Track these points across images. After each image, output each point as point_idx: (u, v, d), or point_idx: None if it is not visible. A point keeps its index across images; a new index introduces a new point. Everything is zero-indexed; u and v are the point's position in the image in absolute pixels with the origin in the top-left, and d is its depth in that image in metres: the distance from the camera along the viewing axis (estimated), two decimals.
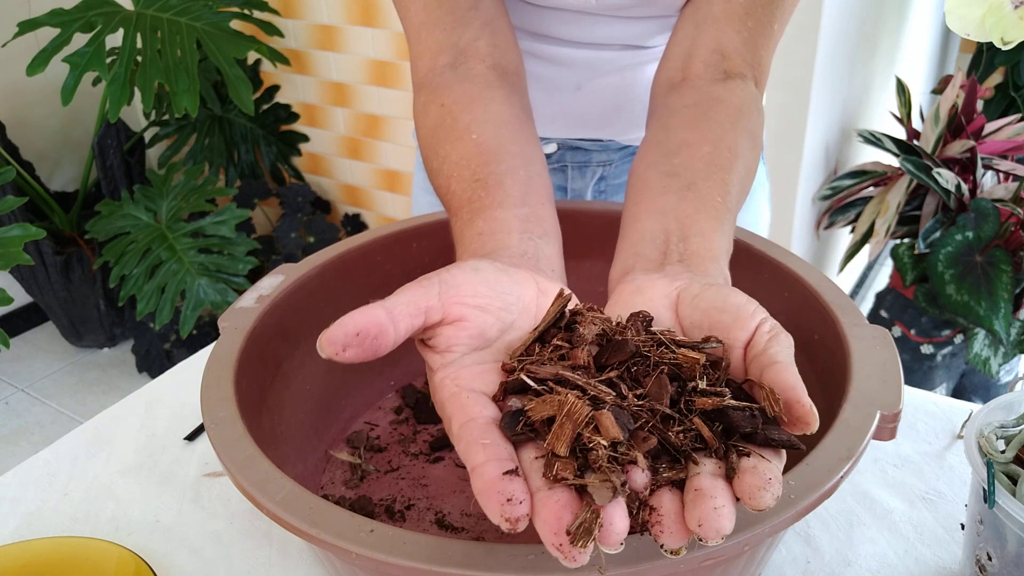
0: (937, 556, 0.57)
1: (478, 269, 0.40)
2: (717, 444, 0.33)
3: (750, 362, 0.36)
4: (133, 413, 0.75)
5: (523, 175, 0.52)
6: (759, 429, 0.33)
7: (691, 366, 0.35)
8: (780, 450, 0.33)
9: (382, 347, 0.35)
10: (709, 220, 0.49)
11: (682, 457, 0.33)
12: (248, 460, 0.44)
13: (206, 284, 1.86)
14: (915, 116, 1.86)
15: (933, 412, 0.70)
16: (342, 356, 0.34)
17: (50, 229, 2.15)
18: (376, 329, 0.35)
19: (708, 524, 0.29)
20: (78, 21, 1.73)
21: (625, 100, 0.74)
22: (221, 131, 2.25)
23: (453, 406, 0.36)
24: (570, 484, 0.30)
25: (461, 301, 0.38)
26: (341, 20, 2.08)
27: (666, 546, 0.31)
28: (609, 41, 0.71)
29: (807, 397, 0.33)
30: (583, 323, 0.38)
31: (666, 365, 0.35)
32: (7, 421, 2.14)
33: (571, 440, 0.31)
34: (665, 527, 0.30)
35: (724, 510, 0.30)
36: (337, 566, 0.46)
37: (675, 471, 0.32)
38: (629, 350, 0.35)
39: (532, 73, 0.74)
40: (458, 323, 0.38)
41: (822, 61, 1.58)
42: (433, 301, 0.37)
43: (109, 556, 0.56)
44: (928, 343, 1.76)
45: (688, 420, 0.33)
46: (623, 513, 0.30)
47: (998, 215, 1.54)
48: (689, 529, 0.30)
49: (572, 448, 0.31)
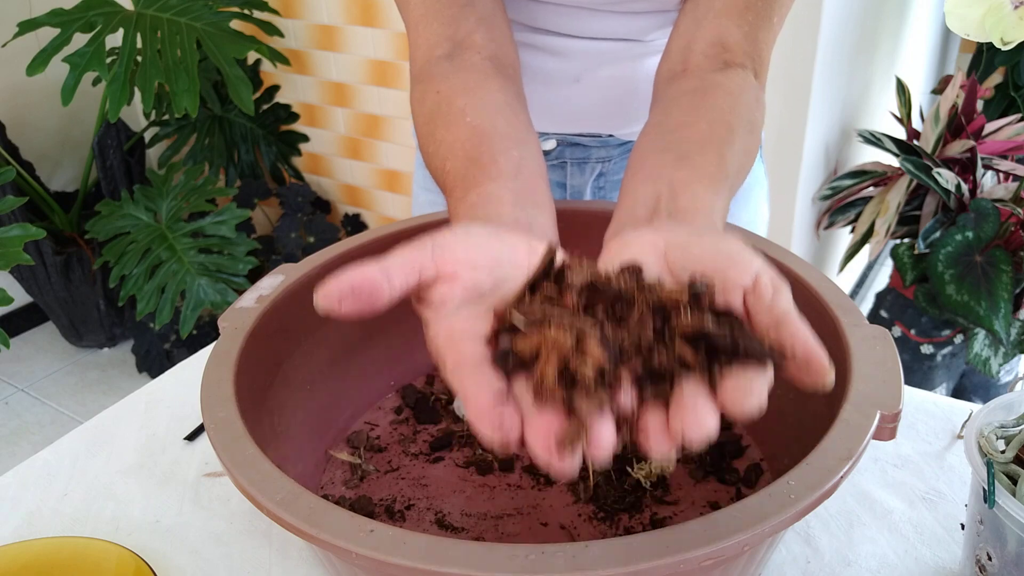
0: (937, 556, 0.57)
1: (470, 231, 0.41)
2: (698, 362, 0.33)
3: (755, 313, 0.37)
4: (133, 413, 0.75)
5: (516, 154, 0.53)
6: (739, 345, 0.33)
7: (674, 302, 0.36)
8: (765, 365, 0.33)
9: (378, 302, 0.36)
10: (702, 185, 0.49)
11: (666, 378, 0.33)
12: (248, 460, 0.44)
13: (206, 284, 1.86)
14: (915, 116, 1.86)
15: (933, 412, 0.70)
16: (338, 310, 0.35)
17: (50, 229, 2.15)
18: (371, 285, 0.35)
19: (692, 429, 0.31)
20: (78, 21, 1.73)
21: (624, 93, 0.74)
22: (221, 131, 2.25)
23: (447, 348, 0.36)
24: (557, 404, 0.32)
25: (454, 259, 0.39)
26: (341, 20, 2.09)
27: (653, 456, 0.32)
28: (608, 35, 0.71)
29: (821, 351, 0.34)
30: (572, 272, 0.39)
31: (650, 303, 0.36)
32: (7, 421, 2.14)
33: (558, 367, 0.32)
34: (651, 435, 0.32)
35: (707, 416, 0.31)
36: (337, 566, 0.46)
37: (660, 391, 0.33)
38: (613, 293, 0.36)
39: (530, 65, 0.74)
40: (451, 280, 0.38)
41: (822, 61, 1.58)
42: (426, 260, 0.38)
43: (109, 556, 0.56)
44: (928, 343, 1.76)
45: (670, 346, 0.34)
46: (610, 426, 0.31)
47: (998, 215, 1.54)
48: (674, 437, 0.31)
49: (560, 375, 0.32)
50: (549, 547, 0.36)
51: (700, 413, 0.31)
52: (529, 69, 0.74)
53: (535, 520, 0.59)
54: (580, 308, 0.37)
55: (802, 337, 0.34)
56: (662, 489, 0.61)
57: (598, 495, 0.60)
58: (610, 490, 0.60)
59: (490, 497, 0.61)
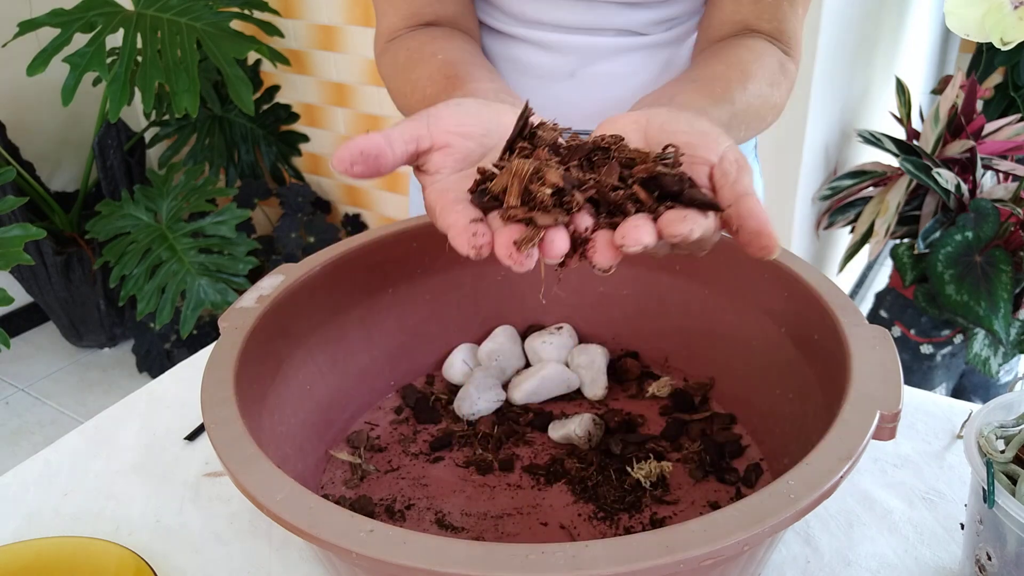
0: (937, 556, 0.57)
1: (461, 104, 0.47)
2: (650, 201, 0.39)
3: (720, 187, 0.41)
4: (133, 413, 0.75)
5: (486, 72, 0.59)
6: (685, 190, 0.39)
7: (643, 157, 0.41)
8: (704, 213, 0.39)
9: (383, 166, 0.42)
10: (703, 96, 0.54)
11: (620, 209, 0.39)
12: (248, 460, 0.44)
13: (206, 284, 1.86)
14: (915, 116, 1.86)
15: (933, 412, 0.70)
16: (351, 171, 0.41)
17: (50, 229, 2.15)
18: (376, 150, 0.41)
19: (630, 235, 0.37)
20: (78, 21, 1.73)
21: (620, 89, 0.74)
22: (221, 131, 2.25)
23: (436, 199, 0.42)
24: (520, 219, 0.38)
25: (447, 129, 0.44)
26: (341, 20, 2.09)
27: (596, 264, 0.38)
28: (603, 28, 0.71)
29: (772, 229, 0.39)
30: (544, 130, 0.45)
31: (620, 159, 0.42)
32: (7, 421, 2.14)
33: (520, 190, 0.39)
34: (598, 249, 0.38)
35: (643, 228, 0.37)
36: (337, 566, 0.46)
37: (614, 218, 0.39)
38: (588, 146, 0.42)
39: (526, 61, 0.74)
40: (445, 149, 0.44)
41: (822, 61, 1.58)
42: (423, 131, 0.44)
43: (109, 556, 0.56)
44: (928, 343, 1.76)
45: (629, 187, 0.40)
46: (563, 235, 0.37)
47: (998, 215, 1.54)
48: (617, 249, 0.37)
49: (524, 200, 0.38)
50: (549, 547, 0.37)
51: (640, 229, 0.37)
52: (522, 64, 0.74)
53: (535, 520, 0.59)
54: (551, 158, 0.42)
55: (757, 212, 0.39)
56: (662, 489, 0.61)
57: (598, 495, 0.60)
58: (610, 490, 0.60)
59: (490, 497, 0.61)
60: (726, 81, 0.58)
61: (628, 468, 0.61)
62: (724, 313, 0.67)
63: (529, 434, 0.67)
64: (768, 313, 0.62)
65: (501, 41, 0.74)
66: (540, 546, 0.37)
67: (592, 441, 0.64)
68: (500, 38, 0.74)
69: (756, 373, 0.65)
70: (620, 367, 0.73)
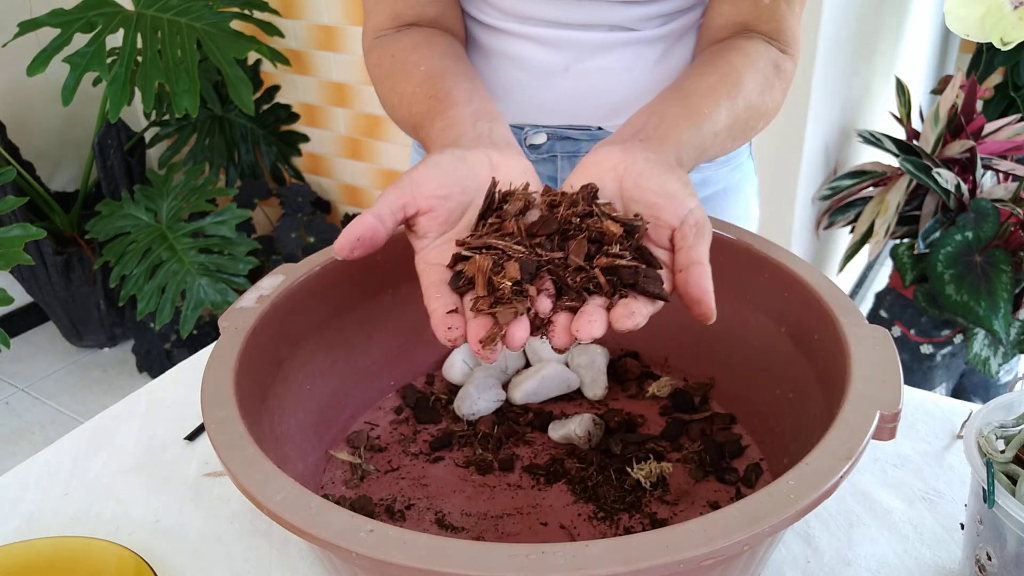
0: (937, 556, 0.57)
1: (439, 163, 0.51)
2: (608, 288, 0.45)
3: (677, 249, 0.47)
4: (133, 413, 0.75)
5: (467, 84, 0.63)
6: (639, 282, 0.45)
7: (610, 235, 0.47)
8: (653, 302, 0.45)
9: (379, 243, 0.47)
10: (687, 119, 0.58)
11: (578, 295, 0.45)
12: (248, 460, 0.44)
13: (206, 284, 1.86)
14: (915, 116, 1.86)
15: (933, 412, 0.70)
16: (352, 256, 0.46)
17: (50, 229, 2.15)
18: (371, 232, 0.46)
19: (583, 330, 0.43)
20: (78, 21, 1.73)
21: (614, 84, 0.74)
22: (221, 131, 2.25)
23: (423, 274, 0.49)
24: (487, 313, 0.44)
25: (429, 194, 0.49)
26: (341, 20, 2.09)
27: (555, 346, 0.44)
28: (596, 23, 0.71)
29: (712, 299, 0.45)
30: (512, 201, 0.50)
31: (589, 232, 0.47)
32: (7, 421, 2.14)
33: (485, 284, 0.45)
34: (556, 333, 0.44)
35: (596, 323, 0.43)
36: (337, 566, 0.46)
37: (573, 303, 0.45)
38: (554, 226, 0.47)
39: (520, 56, 0.74)
40: (429, 213, 0.49)
41: (822, 61, 1.58)
42: (407, 198, 0.49)
43: (109, 556, 0.56)
44: (928, 343, 1.76)
45: (590, 272, 0.45)
46: (523, 327, 0.44)
47: (998, 215, 1.54)
48: (572, 334, 0.43)
49: (491, 291, 0.44)
50: (549, 547, 0.37)
51: (592, 322, 0.43)
52: (517, 59, 0.74)
53: (535, 520, 0.59)
54: (522, 231, 0.47)
55: (702, 282, 0.45)
56: (662, 489, 0.61)
57: (598, 495, 0.60)
58: (610, 490, 0.60)
59: (490, 497, 0.61)
60: (715, 97, 0.60)
61: (628, 468, 0.61)
62: (724, 313, 0.67)
63: (529, 434, 0.67)
64: (768, 313, 0.62)
65: (495, 36, 0.74)
66: (540, 546, 0.37)
67: (592, 441, 0.64)
68: (494, 33, 0.74)
69: (756, 373, 0.65)
70: (620, 367, 0.73)
